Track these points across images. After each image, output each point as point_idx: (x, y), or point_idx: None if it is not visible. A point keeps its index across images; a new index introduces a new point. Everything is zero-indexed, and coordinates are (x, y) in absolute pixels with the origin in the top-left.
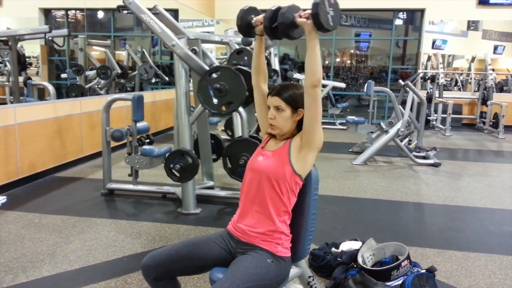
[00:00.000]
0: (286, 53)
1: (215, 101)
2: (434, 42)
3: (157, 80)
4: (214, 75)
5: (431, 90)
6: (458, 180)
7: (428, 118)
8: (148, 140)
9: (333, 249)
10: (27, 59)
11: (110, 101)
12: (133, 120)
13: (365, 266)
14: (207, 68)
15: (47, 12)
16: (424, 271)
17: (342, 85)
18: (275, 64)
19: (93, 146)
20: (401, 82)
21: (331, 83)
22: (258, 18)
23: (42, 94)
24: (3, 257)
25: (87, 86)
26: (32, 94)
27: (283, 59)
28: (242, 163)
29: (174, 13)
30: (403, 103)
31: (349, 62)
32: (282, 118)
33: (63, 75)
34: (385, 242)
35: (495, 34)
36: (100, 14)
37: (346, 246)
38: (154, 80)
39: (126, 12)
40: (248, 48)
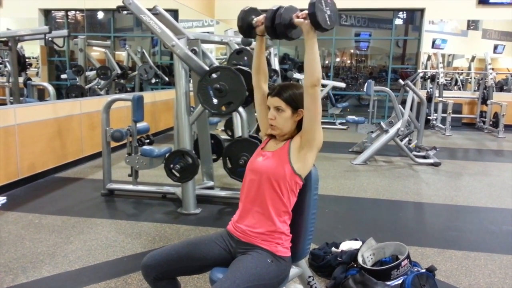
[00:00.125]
0: (286, 53)
1: (215, 101)
2: (434, 42)
3: (157, 80)
4: (214, 75)
5: (431, 90)
6: (458, 179)
7: (428, 117)
8: (148, 140)
9: (333, 248)
10: (27, 60)
11: (110, 101)
12: (133, 120)
13: (365, 266)
14: (207, 68)
15: (47, 12)
16: (424, 271)
17: (342, 84)
18: (275, 64)
19: (93, 146)
20: (401, 81)
21: (331, 83)
22: (259, 18)
23: (42, 95)
24: (3, 257)
25: (87, 87)
26: (32, 95)
27: (283, 59)
28: (242, 163)
29: (174, 13)
30: (403, 103)
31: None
32: (282, 119)
33: (63, 76)
34: (385, 241)
35: (495, 33)
36: (100, 15)
37: (346, 245)
38: (154, 80)
39: (126, 12)
40: (248, 48)
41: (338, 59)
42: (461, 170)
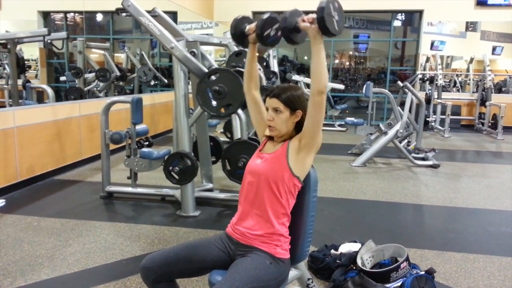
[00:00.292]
0: (285, 54)
1: (214, 103)
2: (432, 43)
3: (156, 82)
4: (213, 77)
5: (430, 91)
6: (457, 181)
7: (427, 119)
8: (147, 142)
9: (332, 251)
10: (26, 62)
11: (109, 103)
12: (132, 122)
13: (364, 268)
14: (206, 70)
15: (46, 15)
16: (423, 273)
17: (341, 86)
18: (274, 66)
19: (92, 149)
20: (399, 83)
21: (330, 85)
22: (251, 26)
23: (41, 97)
24: (2, 260)
25: (86, 89)
26: (31, 97)
27: (282, 61)
28: (241, 165)
29: (173, 15)
30: (402, 105)
31: (347, 63)
32: (280, 120)
33: (62, 78)
34: (384, 243)
35: (494, 35)
36: (99, 17)
37: (345, 248)
38: (153, 82)
39: (125, 14)
40: (246, 50)
41: (337, 61)
42: (460, 172)
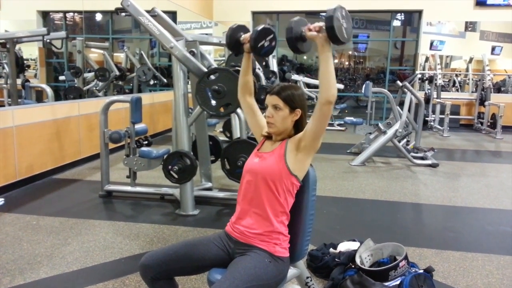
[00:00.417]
0: (284, 54)
1: (213, 102)
2: (432, 43)
3: (155, 82)
4: (212, 77)
5: (429, 91)
6: (456, 180)
7: (426, 119)
8: (146, 141)
9: (331, 249)
10: (25, 62)
11: (108, 103)
12: (131, 122)
13: (363, 267)
14: (205, 69)
15: (45, 14)
16: (422, 271)
17: (340, 86)
18: (273, 65)
19: (91, 148)
20: (399, 83)
21: None
22: (246, 36)
23: (40, 97)
24: (1, 259)
25: (85, 88)
26: (30, 97)
27: (282, 61)
28: (240, 165)
29: (172, 15)
30: (401, 104)
31: (347, 63)
32: (279, 117)
33: (61, 77)
34: (383, 242)
35: (493, 35)
36: (98, 17)
37: (344, 246)
38: (152, 82)
39: (124, 14)
40: None
41: (336, 61)
42: (459, 171)
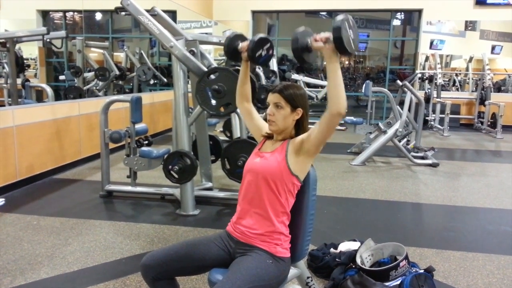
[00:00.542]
0: (284, 54)
1: (214, 102)
2: (432, 43)
3: (155, 81)
4: (212, 76)
5: (429, 91)
6: (456, 180)
7: (426, 118)
8: (146, 141)
9: (331, 249)
10: (25, 61)
11: (108, 102)
12: (131, 121)
13: (363, 267)
14: (205, 69)
15: (45, 14)
16: (422, 271)
17: None
18: (274, 65)
19: (91, 148)
20: (399, 82)
21: None
22: (243, 45)
23: (40, 96)
24: (1, 259)
25: (85, 88)
26: (30, 96)
27: (282, 60)
28: (240, 164)
29: (172, 14)
30: (401, 104)
31: (347, 62)
32: (281, 115)
33: (61, 77)
34: (383, 242)
35: (493, 34)
36: (98, 16)
37: (345, 246)
38: (152, 81)
39: (124, 13)
40: None
41: None
42: (459, 170)
